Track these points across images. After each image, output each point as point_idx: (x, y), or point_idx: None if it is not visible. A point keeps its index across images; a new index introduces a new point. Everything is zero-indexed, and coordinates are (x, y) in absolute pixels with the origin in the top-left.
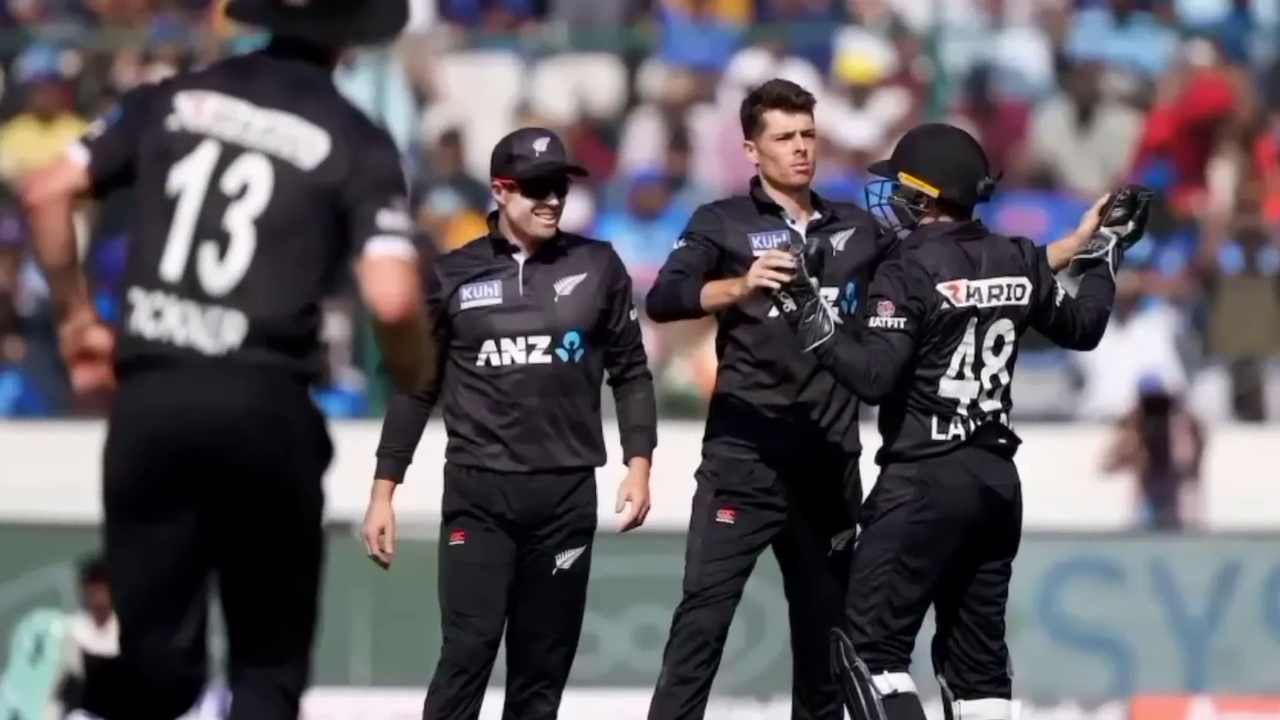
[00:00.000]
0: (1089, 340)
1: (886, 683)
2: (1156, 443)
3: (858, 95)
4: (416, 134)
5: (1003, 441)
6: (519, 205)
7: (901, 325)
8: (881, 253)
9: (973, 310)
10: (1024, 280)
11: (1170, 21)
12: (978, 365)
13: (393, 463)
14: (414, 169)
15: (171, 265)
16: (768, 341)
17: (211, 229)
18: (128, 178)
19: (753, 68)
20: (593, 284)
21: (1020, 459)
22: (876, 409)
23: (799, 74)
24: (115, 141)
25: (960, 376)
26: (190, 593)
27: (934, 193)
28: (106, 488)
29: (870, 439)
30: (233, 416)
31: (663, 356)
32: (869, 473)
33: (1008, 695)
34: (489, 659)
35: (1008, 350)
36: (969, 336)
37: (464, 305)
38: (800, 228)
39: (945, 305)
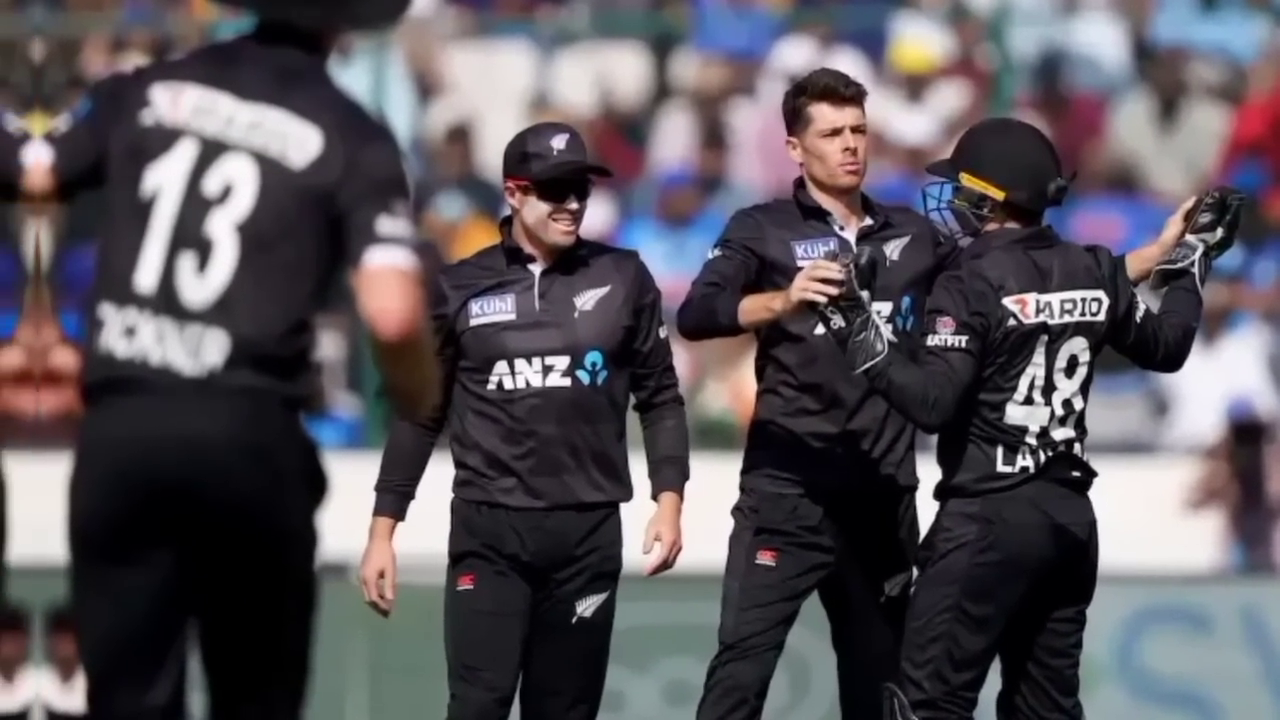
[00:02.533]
0: (1173, 361)
1: None
2: (1248, 476)
3: (914, 86)
4: (420, 130)
5: (1076, 474)
6: (535, 210)
7: (963, 344)
8: (940, 263)
9: (1043, 327)
10: (1100, 293)
11: (1264, 4)
12: (1048, 389)
13: (394, 498)
14: (417, 169)
15: (146, 277)
16: (813, 362)
17: (190, 236)
18: (97, 179)
19: (796, 55)
20: (617, 298)
21: (1096, 494)
22: (935, 438)
23: (848, 62)
24: (83, 138)
25: (1029, 402)
26: (166, 645)
27: (999, 196)
28: (73, 526)
29: (928, 471)
30: (214, 447)
31: (696, 379)
32: (927, 509)
33: None
34: (501, 718)
35: (1082, 372)
36: (1039, 357)
37: (473, 322)
38: (850, 235)
39: (1012, 322)
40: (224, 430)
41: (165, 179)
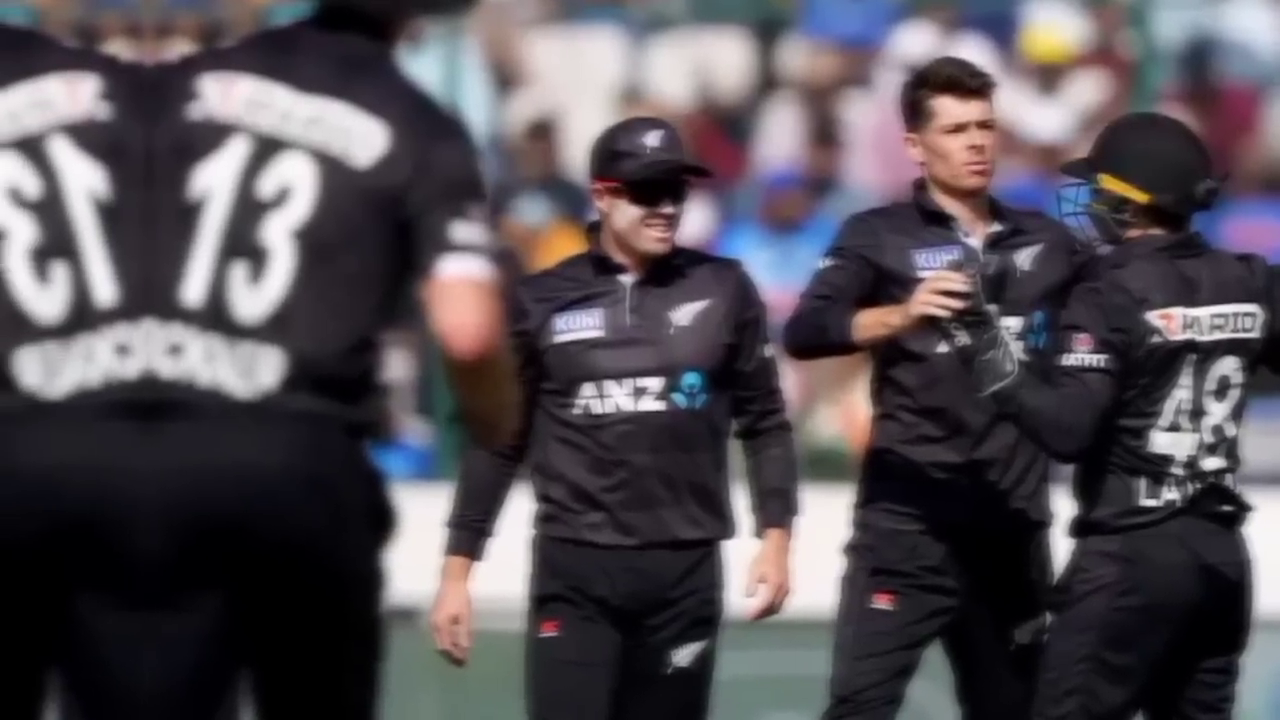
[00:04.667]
0: None
1: None
2: None
3: (1048, 77)
4: (498, 125)
5: (1228, 508)
6: (625, 214)
7: (1102, 364)
8: (1077, 273)
9: (1190, 345)
10: (1254, 307)
11: None
12: (1196, 414)
13: (469, 535)
14: (494, 169)
15: (193, 289)
16: (935, 384)
17: (243, 244)
18: None
19: (917, 43)
20: (717, 312)
21: (1250, 530)
22: (1070, 469)
23: (974, 50)
24: None
25: (1175, 428)
26: (217, 698)
27: (1142, 199)
28: None
29: (1063, 505)
30: (268, 478)
31: (805, 403)
32: (1061, 547)
33: None
34: None
35: (1234, 395)
36: (1186, 378)
37: (557, 339)
38: (976, 242)
39: (1156, 339)
40: (280, 459)
41: (215, 180)
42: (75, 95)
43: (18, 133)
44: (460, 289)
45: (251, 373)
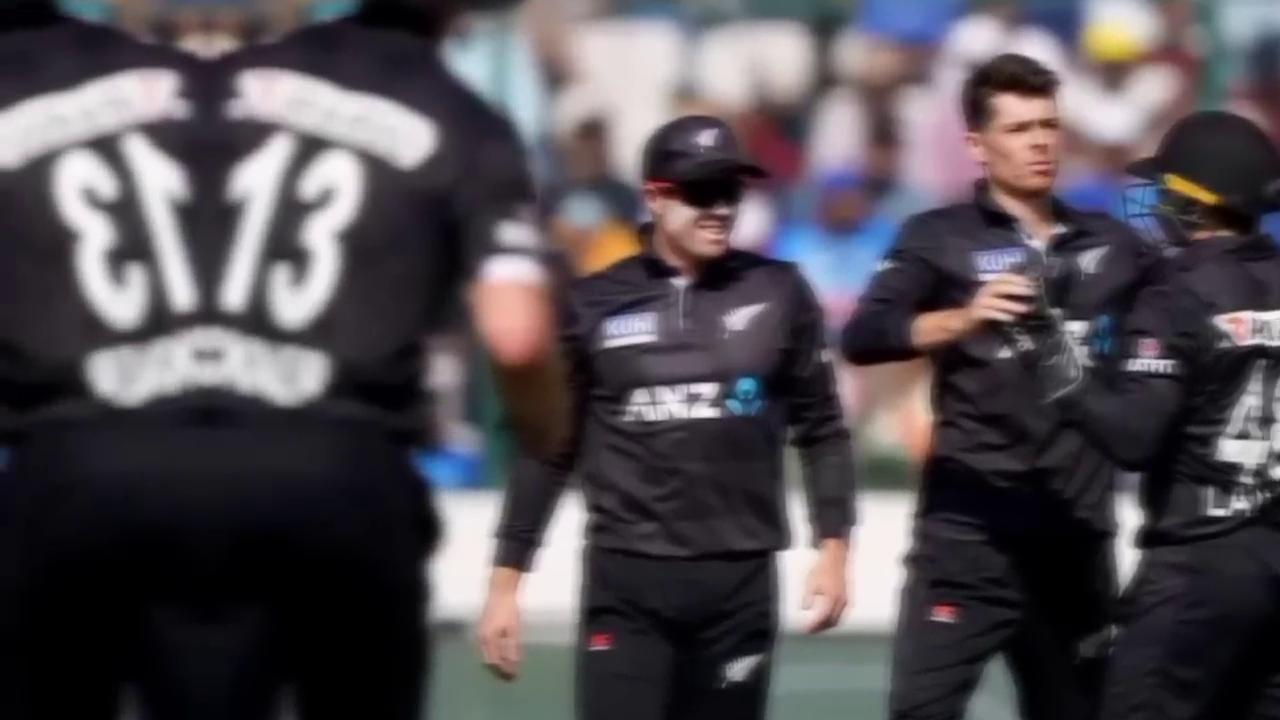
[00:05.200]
0: None
1: None
2: None
3: (1113, 74)
4: (548, 124)
5: None
6: (679, 215)
7: (1169, 369)
8: (1143, 276)
9: (1260, 350)
10: None
11: None
12: (1266, 421)
13: (518, 546)
14: (544, 169)
15: (233, 293)
16: (998, 390)
17: (285, 247)
18: None
19: (978, 39)
20: (773, 316)
21: None
22: (1136, 477)
23: (1038, 47)
24: None
25: (1244, 435)
26: (257, 715)
27: (1210, 200)
28: None
29: (1129, 515)
30: (310, 487)
31: (863, 409)
32: (1127, 558)
33: None
34: None
35: None
36: (1255, 384)
37: (608, 344)
38: (1039, 244)
39: (1225, 344)
40: (322, 468)
41: (256, 180)
42: (152, 93)
43: (93, 132)
44: (509, 292)
45: (294, 379)
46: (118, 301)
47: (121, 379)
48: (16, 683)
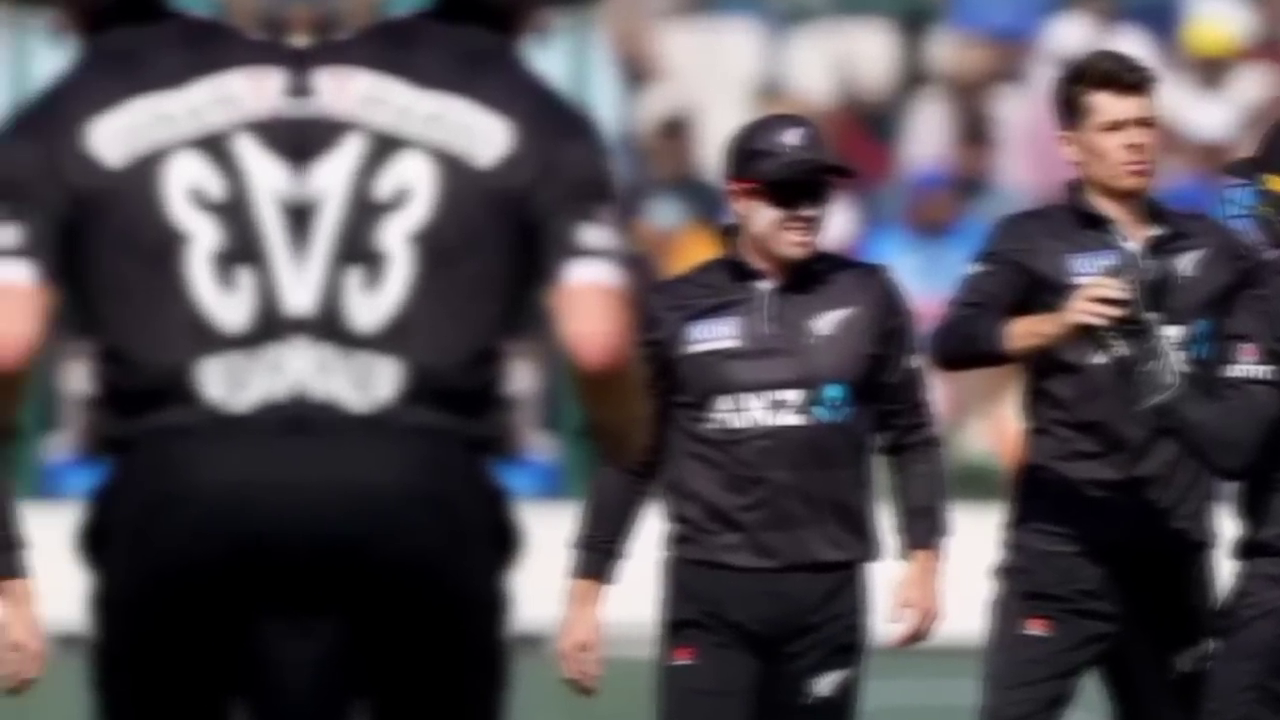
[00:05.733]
0: None
1: None
2: None
3: (1211, 72)
4: (629, 123)
5: None
6: (763, 217)
7: (1269, 375)
8: (1242, 279)
9: None
10: None
11: None
12: None
13: (598, 557)
14: (625, 169)
15: (304, 296)
16: (1092, 397)
17: (358, 249)
18: None
19: (1071, 35)
20: (861, 321)
21: None
22: (1235, 486)
23: (1133, 43)
24: None
25: None
26: None
27: None
28: None
29: (1227, 526)
30: (384, 497)
31: (954, 416)
32: (1225, 570)
33: None
34: None
35: None
36: None
37: (691, 349)
38: (1135, 246)
39: None
40: (396, 477)
41: (328, 180)
42: (260, 91)
43: (201, 131)
44: (588, 296)
45: (367, 385)
46: (226, 305)
47: (230, 386)
48: (124, 697)
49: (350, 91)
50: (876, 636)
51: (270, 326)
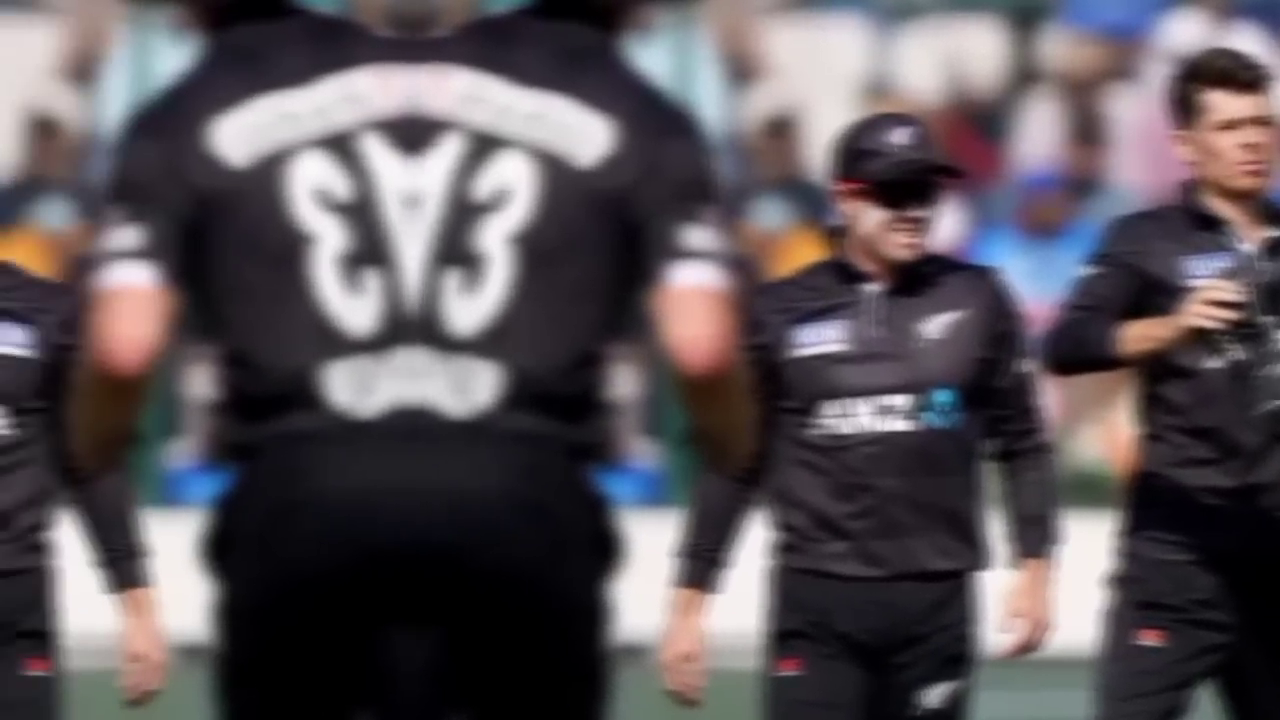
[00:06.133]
0: None
1: None
2: None
3: None
4: (733, 122)
5: None
6: (871, 218)
7: None
8: None
9: None
10: None
11: None
12: None
13: (702, 566)
14: (730, 168)
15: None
16: (1207, 402)
17: (456, 250)
18: None
19: (1186, 32)
20: (971, 324)
21: None
22: None
23: (1249, 41)
24: None
25: None
26: None
27: None
28: None
29: None
30: (483, 504)
31: (1066, 422)
32: None
33: None
34: None
35: None
36: None
37: (797, 353)
38: (1251, 248)
39: None
40: (496, 484)
41: (426, 180)
42: (387, 89)
43: (327, 130)
44: (692, 299)
45: (466, 390)
46: (353, 309)
47: (358, 390)
48: (248, 708)
49: (448, 90)
50: (987, 647)
51: (396, 330)
